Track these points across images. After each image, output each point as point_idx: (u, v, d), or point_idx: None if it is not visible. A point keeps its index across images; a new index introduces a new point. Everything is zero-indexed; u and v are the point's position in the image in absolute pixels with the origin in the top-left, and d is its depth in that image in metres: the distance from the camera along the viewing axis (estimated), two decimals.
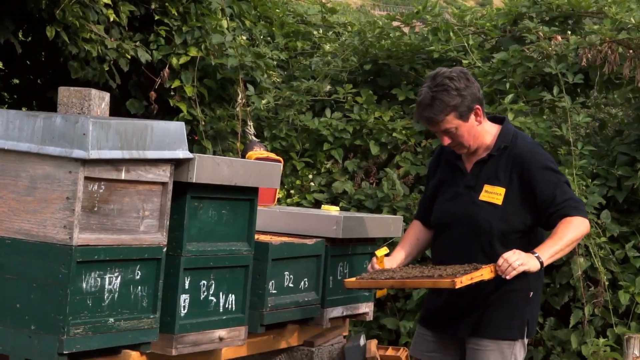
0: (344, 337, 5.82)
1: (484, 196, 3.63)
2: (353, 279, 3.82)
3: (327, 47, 8.47)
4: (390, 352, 5.91)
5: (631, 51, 6.45)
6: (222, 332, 4.19)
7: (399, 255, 3.89)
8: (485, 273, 3.42)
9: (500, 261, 3.36)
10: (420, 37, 7.95)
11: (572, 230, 3.50)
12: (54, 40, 7.14)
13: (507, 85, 7.06)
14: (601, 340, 5.75)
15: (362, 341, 5.62)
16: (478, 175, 3.70)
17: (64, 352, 3.45)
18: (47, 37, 7.05)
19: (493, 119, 3.82)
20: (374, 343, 5.71)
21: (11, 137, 3.63)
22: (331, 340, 5.56)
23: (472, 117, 3.59)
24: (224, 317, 4.26)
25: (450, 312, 3.73)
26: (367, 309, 5.75)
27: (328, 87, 7.89)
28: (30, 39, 7.89)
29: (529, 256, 3.40)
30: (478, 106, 3.61)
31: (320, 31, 8.90)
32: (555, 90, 6.79)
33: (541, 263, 3.42)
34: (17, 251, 3.58)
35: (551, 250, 3.44)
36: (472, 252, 3.60)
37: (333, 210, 5.78)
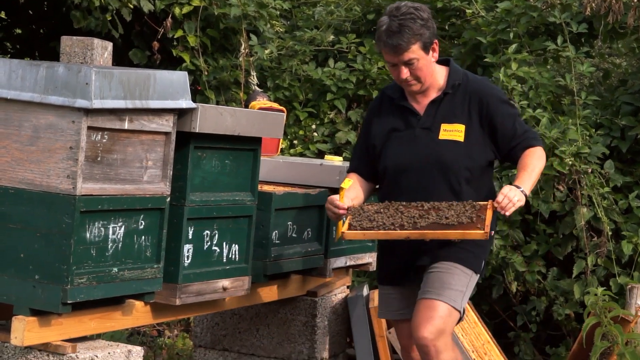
0: (348, 287, 5.96)
1: (443, 135, 3.61)
2: (347, 230, 3.57)
3: None
4: None
5: (636, 0, 6.40)
6: (225, 282, 4.32)
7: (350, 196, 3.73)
8: (489, 211, 3.43)
9: (500, 197, 3.37)
10: None
11: (539, 161, 3.58)
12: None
13: (511, 35, 7.04)
14: (599, 289, 5.51)
15: (365, 291, 5.70)
16: (434, 115, 3.66)
17: (68, 302, 3.51)
18: None
19: (437, 61, 3.74)
20: (377, 293, 5.43)
21: (14, 86, 3.65)
22: (334, 290, 5.77)
23: (431, 51, 3.58)
24: (228, 267, 4.31)
25: (409, 263, 3.69)
26: (370, 259, 5.83)
27: (331, 37, 7.94)
28: None
29: (519, 191, 3.42)
30: (436, 41, 3.63)
31: None
32: (559, 39, 6.76)
33: (525, 196, 3.46)
34: (21, 201, 3.64)
35: (530, 182, 3.48)
36: (440, 192, 3.57)
37: (336, 160, 5.86)
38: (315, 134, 7.66)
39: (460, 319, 3.69)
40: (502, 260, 6.29)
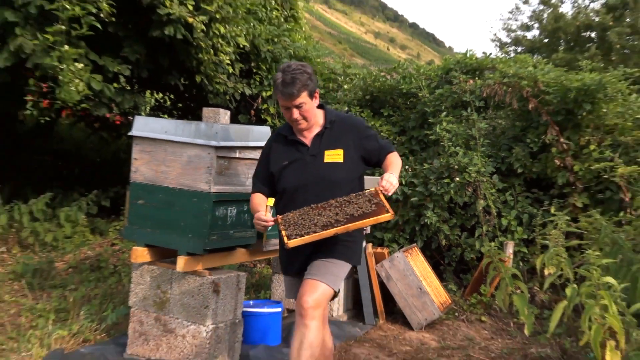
0: None
1: (327, 159, 3.31)
2: (289, 240, 3.07)
3: (346, 86, 8.56)
4: (378, 250, 6.11)
5: (510, 89, 6.78)
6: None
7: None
8: (381, 196, 3.18)
9: (383, 183, 3.15)
10: (395, 81, 7.95)
11: (397, 159, 3.39)
12: (200, 83, 7.55)
13: (443, 107, 7.34)
14: (492, 244, 5.94)
15: (364, 244, 5.56)
16: (318, 145, 3.34)
17: (206, 248, 4.01)
18: (196, 81, 7.52)
19: (317, 106, 3.44)
20: (370, 245, 5.89)
21: (178, 134, 4.08)
22: None
23: (314, 98, 3.33)
24: None
25: (308, 259, 3.37)
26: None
27: (346, 108, 7.96)
28: (187, 82, 8.14)
29: (394, 177, 3.22)
30: (317, 90, 3.34)
31: (342, 78, 8.88)
32: (469, 110, 7.13)
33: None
34: (182, 195, 4.08)
35: (397, 172, 3.27)
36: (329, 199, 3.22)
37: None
38: None
39: (335, 296, 3.32)
40: (437, 228, 6.65)
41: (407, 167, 7.14)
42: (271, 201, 3.23)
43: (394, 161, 3.35)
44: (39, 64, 5.84)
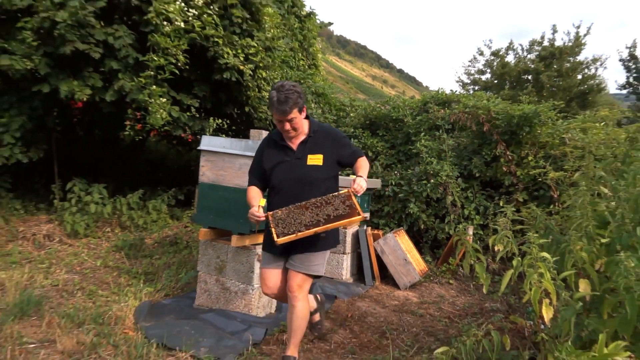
0: (359, 225, 5.78)
1: (309, 162, 3.02)
2: (278, 238, 2.79)
3: (352, 114, 8.33)
4: (375, 231, 5.92)
5: (470, 116, 6.66)
6: None
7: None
8: (353, 198, 2.91)
9: (355, 185, 2.93)
10: (387, 110, 7.74)
11: (366, 163, 3.15)
12: (248, 112, 7.53)
13: (422, 129, 7.22)
14: (460, 226, 6.13)
15: (364, 227, 5.73)
16: (303, 150, 3.04)
17: (252, 230, 3.95)
18: (245, 111, 7.49)
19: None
20: (369, 228, 5.75)
21: (233, 148, 4.03)
22: (354, 227, 5.60)
23: (302, 112, 3.02)
24: None
25: (288, 248, 3.06)
26: (367, 215, 5.93)
27: (352, 130, 7.81)
28: (238, 111, 8.01)
29: (363, 179, 3.00)
30: (305, 107, 3.03)
31: (349, 108, 8.68)
32: (441, 131, 7.04)
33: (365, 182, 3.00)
34: (236, 191, 4.01)
35: (365, 174, 3.05)
36: (310, 196, 2.95)
37: (351, 176, 6.19)
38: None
39: (319, 277, 3.11)
40: (417, 216, 6.48)
41: (395, 172, 7.01)
42: (263, 201, 2.96)
43: (363, 165, 3.12)
44: (135, 99, 5.95)
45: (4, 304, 3.88)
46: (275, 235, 2.77)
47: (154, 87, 5.87)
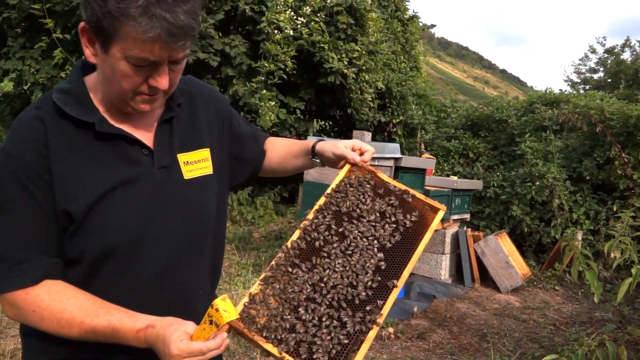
0: (459, 226, 5.74)
1: (187, 173, 1.14)
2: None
3: (453, 115, 8.07)
4: (475, 233, 5.75)
5: (581, 116, 6.32)
6: None
7: None
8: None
9: (363, 155, 1.41)
10: (490, 111, 7.50)
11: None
12: (350, 114, 7.58)
13: (527, 130, 6.92)
14: (568, 230, 5.75)
15: (464, 228, 5.62)
16: (168, 144, 1.13)
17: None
18: (347, 113, 7.56)
19: None
20: (469, 230, 5.61)
21: None
22: (454, 226, 5.60)
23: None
24: None
25: None
26: (466, 215, 5.81)
27: (453, 131, 7.52)
28: (341, 113, 8.12)
29: None
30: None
31: (450, 109, 8.39)
32: (548, 132, 6.68)
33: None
34: (317, 187, 3.73)
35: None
36: (201, 264, 1.21)
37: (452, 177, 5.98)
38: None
39: None
40: (520, 219, 6.18)
41: (497, 173, 6.84)
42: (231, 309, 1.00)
43: (289, 140, 1.52)
44: (247, 102, 6.17)
45: None
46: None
47: (264, 91, 6.16)
